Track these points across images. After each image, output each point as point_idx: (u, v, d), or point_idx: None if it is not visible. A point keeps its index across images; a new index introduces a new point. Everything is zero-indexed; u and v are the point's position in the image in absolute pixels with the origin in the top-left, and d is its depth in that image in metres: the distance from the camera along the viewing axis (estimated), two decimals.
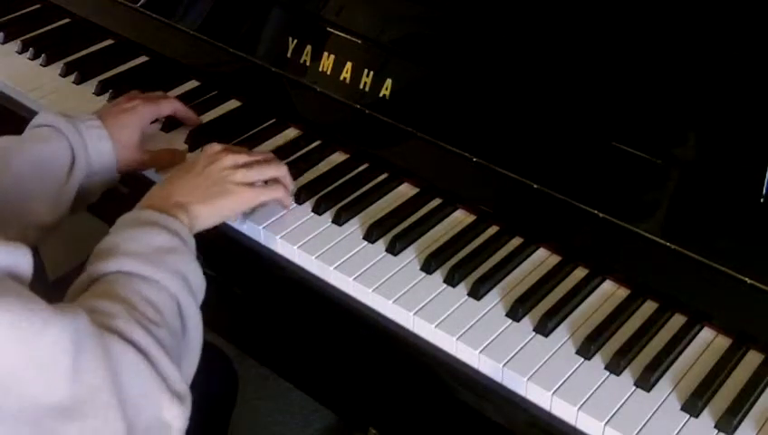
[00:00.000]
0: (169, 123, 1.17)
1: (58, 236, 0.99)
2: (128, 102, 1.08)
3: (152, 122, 1.14)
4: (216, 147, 0.98)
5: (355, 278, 0.94)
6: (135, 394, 0.69)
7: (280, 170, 1.00)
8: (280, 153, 1.11)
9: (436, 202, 1.04)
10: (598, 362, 0.85)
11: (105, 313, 0.72)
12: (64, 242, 1.09)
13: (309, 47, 1.15)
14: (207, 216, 0.91)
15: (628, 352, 0.84)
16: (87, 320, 0.68)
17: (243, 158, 0.97)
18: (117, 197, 1.07)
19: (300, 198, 1.04)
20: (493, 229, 1.00)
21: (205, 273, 0.85)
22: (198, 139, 1.14)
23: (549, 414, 0.82)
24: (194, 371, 0.81)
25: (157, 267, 0.79)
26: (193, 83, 1.28)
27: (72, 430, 0.65)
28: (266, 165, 0.98)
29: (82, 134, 0.99)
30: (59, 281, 1.80)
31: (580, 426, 0.80)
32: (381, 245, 0.98)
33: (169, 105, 1.13)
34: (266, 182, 0.99)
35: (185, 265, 0.82)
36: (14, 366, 0.63)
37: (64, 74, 1.30)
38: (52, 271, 1.78)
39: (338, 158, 1.12)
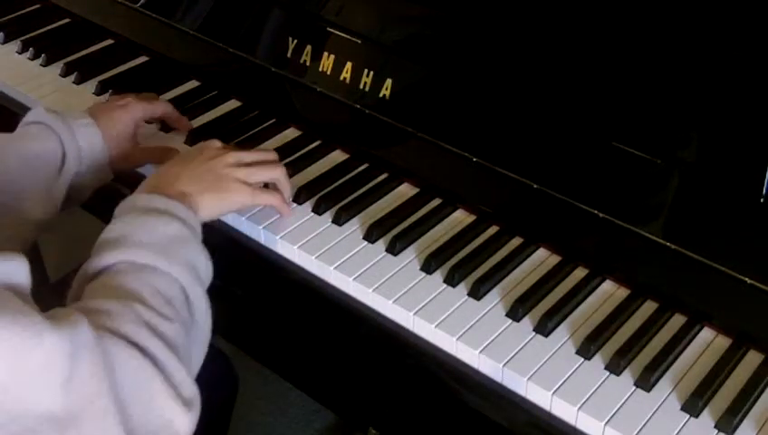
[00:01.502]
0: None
1: (58, 238, 0.99)
2: (120, 100, 1.08)
3: (150, 123, 1.14)
4: (217, 143, 0.98)
5: (355, 278, 0.94)
6: (139, 400, 0.68)
7: (277, 173, 0.99)
8: (280, 153, 1.11)
9: (436, 202, 1.04)
10: (598, 362, 0.85)
11: (111, 314, 0.71)
12: (64, 243, 1.09)
13: (309, 47, 1.15)
14: (209, 208, 0.90)
15: (628, 352, 0.84)
16: (86, 327, 0.66)
17: (245, 157, 0.96)
18: (117, 197, 1.07)
19: (300, 198, 1.04)
20: (493, 229, 1.00)
21: None
22: (198, 139, 1.14)
23: (549, 414, 0.82)
24: (202, 358, 0.80)
25: (169, 260, 0.78)
26: (193, 83, 1.28)
27: None
28: (267, 167, 0.98)
29: (74, 132, 0.99)
30: (60, 282, 1.81)
31: (580, 426, 0.80)
32: (381, 245, 0.98)
33: (162, 106, 1.13)
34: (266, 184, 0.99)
35: (195, 255, 0.82)
36: (7, 380, 0.62)
37: (64, 74, 1.30)
38: (52, 272, 1.78)
39: (338, 158, 1.12)
